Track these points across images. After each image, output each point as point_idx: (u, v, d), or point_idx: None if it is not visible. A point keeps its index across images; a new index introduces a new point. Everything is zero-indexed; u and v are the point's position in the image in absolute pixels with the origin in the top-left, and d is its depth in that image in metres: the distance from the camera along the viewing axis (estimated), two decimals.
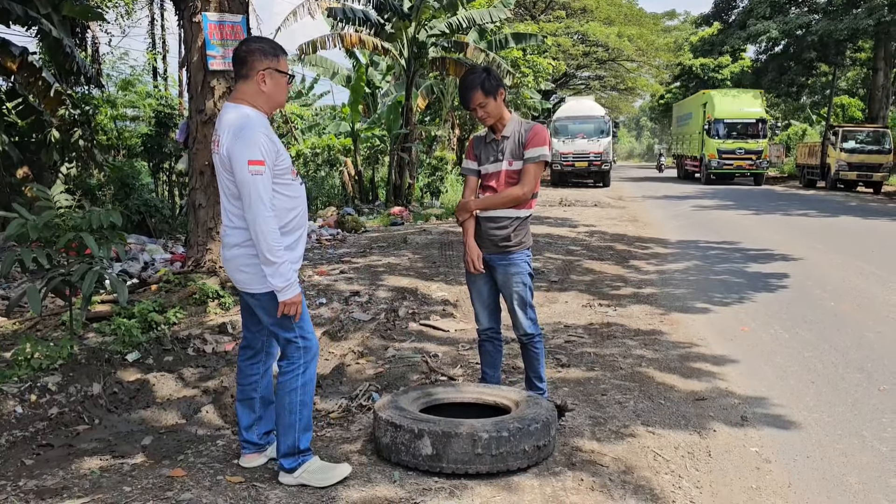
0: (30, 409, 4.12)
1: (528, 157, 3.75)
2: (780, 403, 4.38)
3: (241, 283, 3.15)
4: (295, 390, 3.11)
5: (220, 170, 3.07)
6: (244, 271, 3.09)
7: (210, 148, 6.47)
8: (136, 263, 8.59)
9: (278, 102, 3.18)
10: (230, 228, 3.11)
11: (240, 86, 3.11)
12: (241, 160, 2.92)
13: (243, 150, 2.93)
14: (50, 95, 11.63)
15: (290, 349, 3.14)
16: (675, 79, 54.20)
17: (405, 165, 18.07)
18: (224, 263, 3.20)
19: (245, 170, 2.92)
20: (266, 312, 3.13)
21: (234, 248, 3.09)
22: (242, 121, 3.00)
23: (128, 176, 11.91)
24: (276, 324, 3.13)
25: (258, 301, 3.13)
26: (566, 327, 6.20)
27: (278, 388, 3.14)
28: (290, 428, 3.10)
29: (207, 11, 6.43)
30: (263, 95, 3.09)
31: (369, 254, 9.63)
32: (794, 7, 33.89)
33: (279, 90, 3.13)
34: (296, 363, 3.13)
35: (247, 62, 3.07)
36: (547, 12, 41.65)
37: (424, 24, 17.39)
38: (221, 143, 3.01)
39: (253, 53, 3.08)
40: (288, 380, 3.12)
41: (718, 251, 10.79)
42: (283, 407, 3.12)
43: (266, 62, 3.08)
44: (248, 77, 3.07)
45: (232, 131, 2.98)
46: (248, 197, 2.93)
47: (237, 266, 3.11)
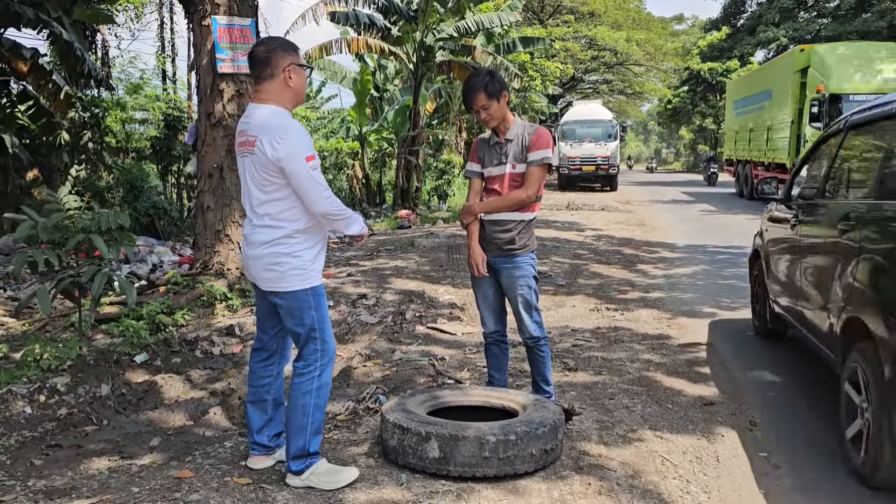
0: (39, 409, 4.14)
1: (531, 160, 3.75)
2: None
3: (266, 281, 3.13)
4: (310, 392, 3.10)
5: (255, 169, 3.06)
6: (272, 269, 3.08)
7: (218, 150, 6.56)
8: (144, 265, 8.63)
9: (301, 97, 3.24)
10: (259, 227, 3.10)
11: (265, 86, 3.12)
12: (297, 158, 2.98)
13: (296, 148, 2.98)
14: (60, 98, 11.71)
15: (308, 351, 3.13)
16: (682, 83, 54.12)
17: (412, 169, 18.09)
18: (248, 262, 3.19)
19: (303, 166, 2.99)
20: (289, 312, 3.13)
21: (261, 246, 3.08)
22: (282, 120, 3.04)
23: (136, 178, 11.98)
24: (298, 324, 3.12)
25: (283, 300, 3.12)
26: (573, 331, 6.19)
27: (293, 390, 3.13)
28: (302, 430, 3.10)
29: (217, 15, 6.47)
30: (290, 91, 3.13)
31: (376, 257, 9.64)
32: (803, 12, 33.82)
33: (303, 84, 3.19)
34: (313, 365, 3.12)
35: (270, 61, 3.09)
36: (555, 16, 41.69)
37: (432, 28, 17.42)
38: (261, 143, 3.00)
39: (275, 52, 3.10)
40: (304, 381, 3.11)
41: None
42: (296, 409, 3.10)
43: (289, 58, 3.11)
44: (273, 76, 3.09)
45: (274, 131, 2.99)
46: (310, 191, 3.02)
47: (264, 265, 3.10)
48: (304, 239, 3.11)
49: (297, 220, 3.09)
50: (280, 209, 3.06)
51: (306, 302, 3.10)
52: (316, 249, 3.17)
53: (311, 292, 3.11)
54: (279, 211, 3.06)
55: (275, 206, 3.06)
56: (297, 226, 3.09)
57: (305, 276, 3.10)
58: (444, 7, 16.63)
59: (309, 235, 3.13)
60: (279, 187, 3.04)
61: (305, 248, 3.11)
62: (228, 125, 6.55)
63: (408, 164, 17.99)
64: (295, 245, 3.08)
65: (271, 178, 3.03)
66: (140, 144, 14.19)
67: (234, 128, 6.53)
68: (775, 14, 32.13)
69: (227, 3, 6.53)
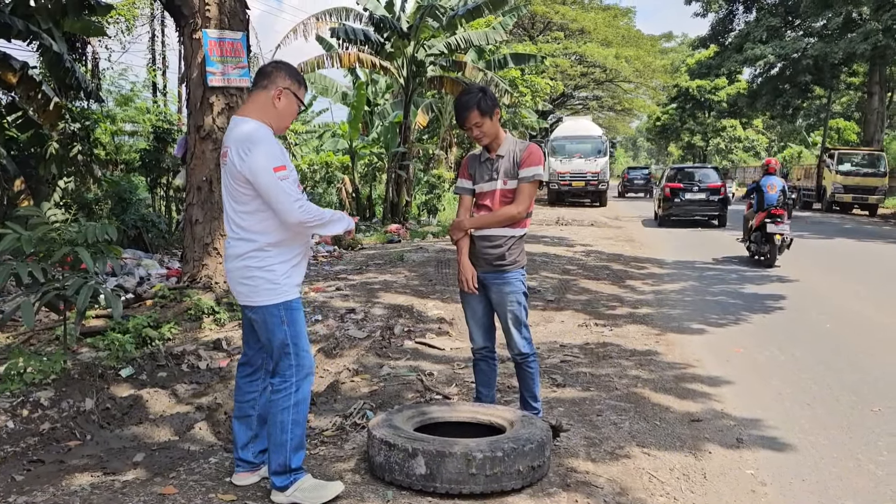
0: (21, 424, 4.09)
1: (522, 177, 3.76)
2: (775, 425, 4.36)
3: (241, 295, 3.13)
4: (287, 409, 3.07)
5: (229, 180, 3.05)
6: (245, 283, 3.08)
7: (207, 164, 6.54)
8: (131, 278, 8.57)
9: (284, 124, 3.20)
10: (234, 240, 3.11)
11: (253, 95, 3.13)
12: (264, 168, 2.94)
13: (264, 158, 2.95)
14: (49, 109, 11.66)
15: (283, 366, 3.11)
16: (671, 100, 54.69)
17: (402, 183, 18.12)
18: (228, 277, 3.18)
19: (270, 177, 2.94)
20: (262, 326, 3.11)
21: (236, 259, 3.08)
22: (253, 132, 3.01)
23: (125, 190, 11.92)
24: (270, 339, 3.11)
25: (256, 314, 3.11)
26: (562, 347, 6.19)
27: (271, 406, 3.11)
28: (282, 447, 3.07)
29: (208, 28, 6.47)
30: (274, 112, 3.11)
31: (365, 271, 9.63)
32: (789, 30, 34.24)
33: (289, 112, 3.16)
34: (288, 381, 3.09)
35: (271, 75, 3.11)
36: (545, 33, 42.02)
37: (423, 44, 17.51)
38: (231, 154, 2.99)
39: (279, 70, 3.14)
40: (280, 398, 3.08)
41: (715, 272, 10.80)
42: (274, 425, 3.08)
43: (288, 82, 3.13)
44: (265, 88, 3.10)
45: (243, 143, 2.97)
46: (280, 201, 2.96)
47: (237, 278, 3.09)
48: (277, 252, 3.08)
49: (269, 233, 3.05)
50: (251, 222, 3.04)
51: (278, 317, 3.07)
52: (290, 263, 3.13)
53: (284, 307, 3.08)
54: (251, 224, 3.04)
55: (247, 219, 3.04)
56: (269, 239, 3.05)
57: (278, 290, 3.06)
58: (438, 23, 16.73)
59: (282, 249, 3.09)
60: (250, 199, 3.02)
61: (279, 261, 3.08)
62: (218, 138, 6.54)
63: (398, 179, 18.02)
64: (267, 259, 3.05)
65: (242, 189, 3.01)
66: (129, 157, 14.13)
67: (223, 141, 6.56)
68: (762, 32, 32.52)
69: (218, 17, 6.54)
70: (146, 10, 21.77)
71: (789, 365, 5.73)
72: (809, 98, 38.53)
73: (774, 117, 42.62)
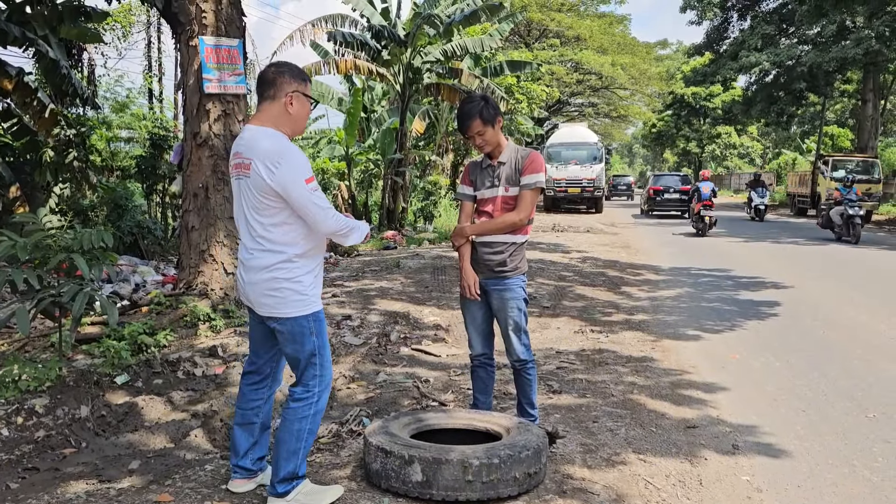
0: (16, 431, 4.07)
1: (524, 184, 3.78)
2: (770, 432, 4.37)
3: (265, 307, 3.07)
4: (306, 418, 3.06)
5: (253, 193, 2.99)
6: (272, 295, 3.03)
7: (203, 170, 6.54)
8: (127, 285, 8.55)
9: (300, 126, 3.18)
10: (258, 251, 3.05)
11: (264, 106, 3.09)
12: (297, 182, 2.93)
13: (295, 172, 2.93)
14: (45, 116, 11.65)
15: (308, 376, 3.08)
16: (667, 107, 54.91)
17: (399, 189, 18.13)
18: (246, 288, 3.11)
19: (304, 190, 2.93)
20: (290, 338, 3.07)
21: (261, 271, 3.03)
22: (277, 143, 2.98)
23: (121, 197, 11.90)
24: (298, 350, 3.07)
25: (283, 326, 3.06)
26: (558, 353, 6.20)
27: (288, 414, 3.07)
28: (294, 455, 3.05)
29: (204, 35, 6.48)
30: (289, 118, 3.09)
31: (361, 277, 9.62)
32: (784, 38, 34.39)
33: (303, 114, 3.15)
34: (311, 391, 3.08)
35: (275, 83, 3.07)
36: (541, 40, 42.16)
37: (419, 51, 17.56)
38: (256, 167, 2.94)
39: (283, 75, 3.08)
40: (301, 407, 3.06)
41: (710, 278, 10.83)
42: (290, 433, 3.05)
43: (294, 85, 3.09)
44: (274, 98, 3.07)
45: (270, 155, 2.93)
46: (314, 213, 2.97)
47: (264, 290, 3.04)
48: (303, 263, 3.07)
49: (296, 244, 3.04)
50: (278, 234, 3.01)
51: (307, 328, 3.06)
52: (313, 274, 3.13)
53: (313, 318, 3.08)
54: (277, 235, 3.01)
55: (273, 231, 3.01)
56: (297, 250, 3.04)
57: (306, 301, 3.06)
58: (434, 30, 16.78)
59: (308, 260, 3.09)
60: (277, 211, 2.99)
61: (305, 272, 3.07)
62: (214, 145, 6.54)
63: (394, 185, 18.03)
64: (294, 270, 3.04)
65: (269, 202, 2.97)
66: (125, 163, 14.13)
67: (219, 148, 6.56)
68: (757, 40, 32.64)
69: (214, 24, 6.55)
70: (142, 17, 21.83)
71: (784, 371, 5.74)
72: (804, 105, 38.68)
73: (769, 124, 42.77)
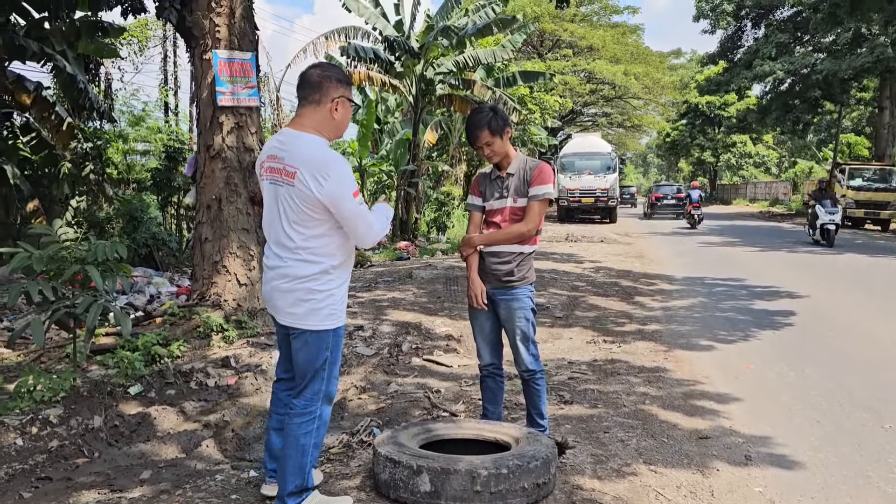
0: (30, 441, 4.12)
1: (532, 195, 3.79)
2: (784, 443, 4.33)
3: (292, 315, 3.02)
4: (310, 433, 3.04)
5: (295, 202, 2.94)
6: (303, 305, 2.99)
7: (217, 182, 6.59)
8: (142, 296, 8.63)
9: (342, 132, 3.16)
10: (294, 261, 2.99)
11: (307, 111, 3.03)
12: (346, 196, 2.92)
13: (344, 185, 2.92)
14: (62, 130, 11.83)
15: (311, 390, 3.06)
16: (681, 116, 54.75)
17: (412, 200, 18.20)
18: (274, 295, 3.06)
19: (352, 204, 2.93)
20: (305, 349, 3.03)
21: (297, 280, 2.98)
22: (325, 153, 2.95)
23: (136, 209, 12.04)
24: (309, 361, 3.05)
25: (304, 336, 3.03)
26: (570, 363, 6.18)
27: (292, 430, 3.03)
28: (301, 469, 3.04)
29: (218, 49, 6.55)
30: (333, 123, 3.06)
31: (374, 288, 9.65)
32: (798, 46, 34.25)
33: (346, 120, 3.12)
34: (314, 405, 3.06)
35: (321, 87, 3.01)
36: (554, 50, 42.26)
37: (432, 62, 17.65)
38: (303, 177, 2.89)
39: (329, 79, 3.03)
40: (304, 422, 3.03)
41: (724, 288, 10.76)
42: (295, 449, 3.02)
43: (341, 90, 3.05)
44: (319, 103, 3.01)
45: (319, 166, 2.89)
46: (361, 227, 2.99)
47: (295, 299, 2.99)
48: (338, 275, 3.05)
49: (334, 255, 3.02)
50: (318, 245, 2.98)
51: (325, 341, 3.04)
52: (345, 287, 3.12)
53: (334, 333, 3.07)
54: (317, 246, 2.98)
55: (313, 242, 2.97)
56: (333, 261, 3.02)
57: (336, 315, 3.05)
58: (447, 41, 16.87)
59: (341, 272, 3.08)
60: (320, 223, 2.96)
61: (338, 284, 3.05)
62: (227, 157, 6.60)
63: (407, 196, 18.10)
64: (330, 282, 3.01)
65: (313, 213, 2.93)
66: (141, 175, 14.29)
67: (232, 160, 6.62)
68: (772, 49, 32.56)
69: (227, 38, 6.62)
70: (158, 32, 22.11)
71: (799, 382, 5.69)
72: (820, 113, 38.44)
73: (785, 133, 42.57)
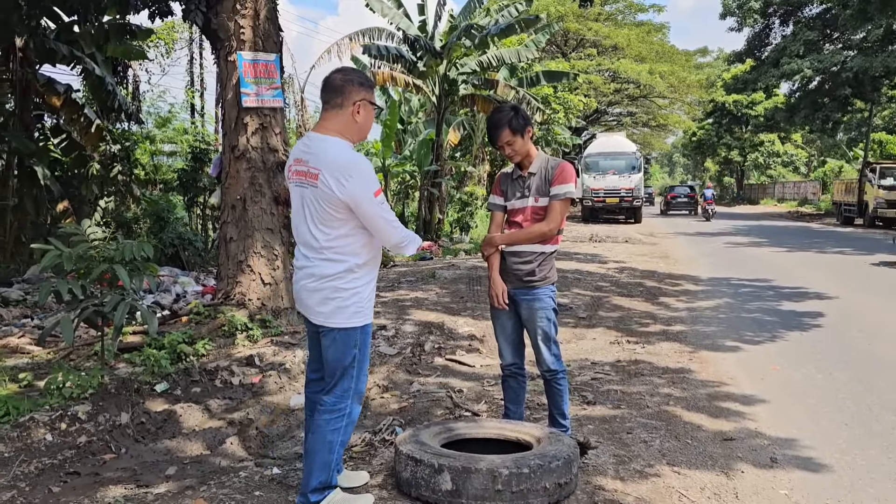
0: (59, 437, 4.19)
1: (554, 194, 3.78)
2: (811, 445, 4.27)
3: (319, 314, 3.08)
4: (338, 430, 3.08)
5: (319, 203, 3.01)
6: (329, 303, 3.05)
7: (241, 182, 6.66)
8: (168, 295, 8.74)
9: (365, 134, 3.21)
10: (319, 260, 3.06)
11: (331, 114, 3.10)
12: (367, 195, 2.97)
13: (365, 185, 2.97)
14: (91, 131, 12.04)
15: (341, 387, 3.10)
16: (707, 115, 54.15)
17: (435, 201, 18.22)
18: (303, 294, 3.13)
19: (373, 203, 2.99)
20: (333, 346, 3.09)
21: (323, 279, 3.04)
22: (347, 155, 3.01)
23: (163, 209, 12.20)
24: (338, 358, 3.09)
25: (332, 334, 3.08)
26: (593, 364, 6.14)
27: (320, 425, 3.07)
28: (326, 466, 3.07)
29: (242, 51, 6.62)
30: (355, 126, 3.12)
31: (397, 288, 9.68)
32: (827, 44, 33.69)
33: (369, 122, 3.18)
34: (343, 402, 3.10)
35: (343, 91, 3.07)
36: (578, 50, 42.03)
37: (455, 62, 17.65)
38: (325, 178, 2.95)
39: (351, 83, 3.08)
40: (333, 419, 3.07)
41: (751, 289, 10.62)
42: (322, 444, 3.06)
43: (362, 93, 3.10)
44: (341, 106, 3.07)
45: (341, 168, 2.95)
46: (382, 227, 3.05)
47: (321, 298, 3.06)
48: (363, 274, 3.10)
49: (358, 254, 3.07)
50: (343, 244, 3.04)
51: (353, 339, 3.08)
52: (372, 286, 3.16)
53: (361, 330, 3.11)
54: (342, 246, 3.03)
55: (337, 241, 3.03)
56: (358, 260, 3.07)
57: (362, 313, 3.09)
58: (470, 41, 16.86)
59: (367, 270, 3.12)
60: (343, 223, 3.01)
61: (363, 283, 3.10)
62: (252, 158, 6.66)
63: (430, 196, 18.12)
64: (355, 281, 3.06)
65: (336, 213, 2.99)
66: (167, 176, 14.46)
67: (257, 161, 6.68)
68: (800, 46, 32.04)
69: (252, 40, 6.69)
70: (185, 34, 22.37)
71: (827, 384, 5.60)
72: (850, 111, 37.73)
73: (814, 131, 41.87)
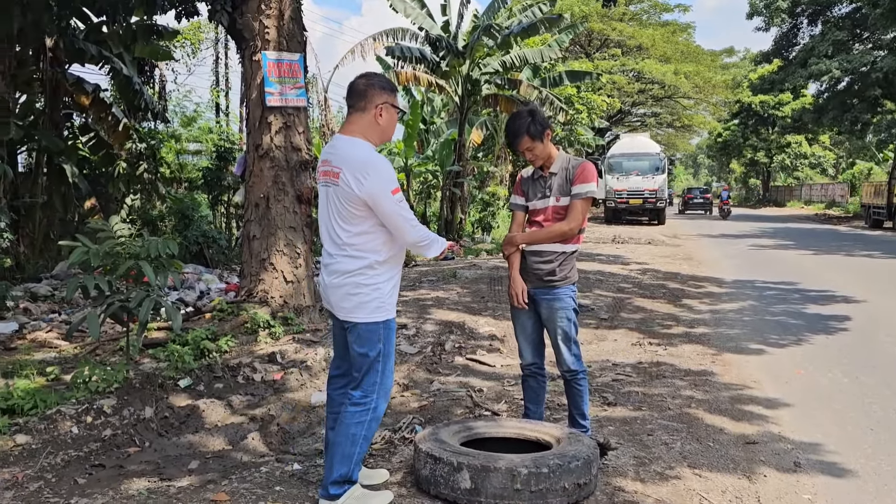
0: (85, 430, 4.26)
1: (575, 194, 3.77)
2: (835, 450, 4.21)
3: (343, 310, 3.16)
4: (363, 423, 3.12)
5: (340, 201, 3.10)
6: (351, 299, 3.12)
7: (265, 181, 6.72)
8: (192, 292, 8.84)
9: (388, 137, 3.29)
10: (341, 256, 3.14)
11: (355, 117, 3.18)
12: (385, 193, 3.04)
13: (383, 183, 3.04)
14: (118, 130, 12.21)
15: (368, 382, 3.15)
16: (733, 116, 53.52)
17: (457, 200, 18.23)
18: (327, 291, 3.22)
19: (391, 201, 3.05)
20: (358, 341, 3.14)
21: (343, 275, 3.12)
22: (367, 154, 3.09)
23: (188, 207, 12.33)
24: (364, 353, 3.14)
25: (356, 329, 3.14)
26: (614, 365, 6.11)
27: (346, 417, 3.13)
28: (348, 458, 3.11)
29: (267, 51, 6.68)
30: (378, 128, 3.19)
31: (418, 287, 9.70)
32: (857, 44, 33.16)
33: (392, 125, 3.25)
34: (370, 396, 3.14)
35: (366, 95, 3.16)
36: (602, 50, 41.80)
37: (478, 62, 17.65)
38: (345, 176, 3.04)
39: (373, 87, 3.17)
40: (359, 411, 3.12)
41: (776, 291, 10.50)
42: (346, 437, 3.10)
43: (384, 96, 3.18)
44: (364, 109, 3.16)
45: (359, 166, 3.04)
46: (399, 224, 3.09)
47: (343, 294, 3.13)
48: (384, 270, 3.16)
49: (379, 251, 3.13)
50: (363, 241, 3.11)
51: (377, 333, 3.13)
52: (392, 282, 3.21)
53: (384, 325, 3.15)
54: (361, 242, 3.11)
55: (357, 238, 3.10)
56: (378, 257, 3.13)
57: (384, 308, 3.14)
58: (493, 41, 16.85)
59: (388, 267, 3.18)
60: (363, 220, 3.09)
61: (385, 279, 3.16)
62: (275, 157, 6.72)
63: (452, 196, 18.14)
64: (375, 276, 3.12)
65: (356, 211, 3.07)
66: (192, 175, 14.61)
67: (280, 159, 6.74)
68: (828, 46, 31.56)
69: (276, 40, 6.74)
70: (211, 35, 22.60)
71: (853, 388, 5.52)
72: (880, 113, 37.04)
73: (842, 133, 41.21)
